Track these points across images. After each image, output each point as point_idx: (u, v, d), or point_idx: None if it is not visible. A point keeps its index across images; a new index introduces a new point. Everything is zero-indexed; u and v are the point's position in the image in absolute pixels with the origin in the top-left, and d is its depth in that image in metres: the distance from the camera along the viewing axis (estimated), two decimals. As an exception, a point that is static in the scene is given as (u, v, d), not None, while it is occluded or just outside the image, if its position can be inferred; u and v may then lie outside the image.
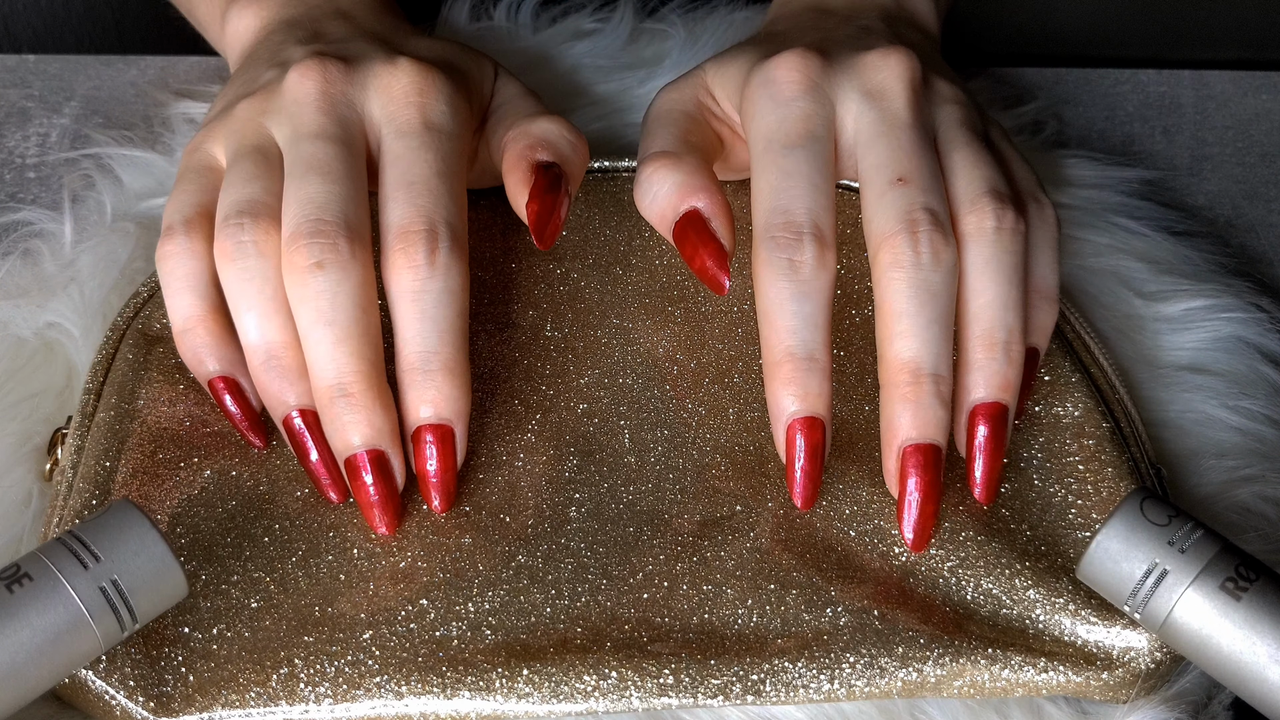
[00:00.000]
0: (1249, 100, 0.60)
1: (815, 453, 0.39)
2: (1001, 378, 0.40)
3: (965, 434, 0.40)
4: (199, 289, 0.41)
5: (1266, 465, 0.45)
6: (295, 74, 0.42)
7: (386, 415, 0.39)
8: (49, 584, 0.34)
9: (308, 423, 0.40)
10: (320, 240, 0.38)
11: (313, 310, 0.38)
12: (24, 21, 0.68)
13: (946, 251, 0.39)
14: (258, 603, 0.38)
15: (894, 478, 0.39)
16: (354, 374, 0.38)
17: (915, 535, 0.39)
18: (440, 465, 0.40)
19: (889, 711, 0.38)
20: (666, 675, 0.37)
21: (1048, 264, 0.43)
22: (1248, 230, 0.55)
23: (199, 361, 0.41)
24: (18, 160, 0.55)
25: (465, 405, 0.40)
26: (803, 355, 0.39)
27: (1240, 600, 0.35)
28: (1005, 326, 0.40)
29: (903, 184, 0.40)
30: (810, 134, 0.41)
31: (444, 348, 0.39)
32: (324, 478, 0.40)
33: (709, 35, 0.58)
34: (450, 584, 0.39)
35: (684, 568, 0.39)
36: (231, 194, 0.40)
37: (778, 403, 0.39)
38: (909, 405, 0.39)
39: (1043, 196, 0.43)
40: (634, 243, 0.47)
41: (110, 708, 0.36)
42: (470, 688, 0.37)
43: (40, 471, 0.43)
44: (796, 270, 0.39)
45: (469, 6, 0.59)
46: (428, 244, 0.39)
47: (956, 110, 0.43)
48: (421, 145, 0.41)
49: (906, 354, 0.39)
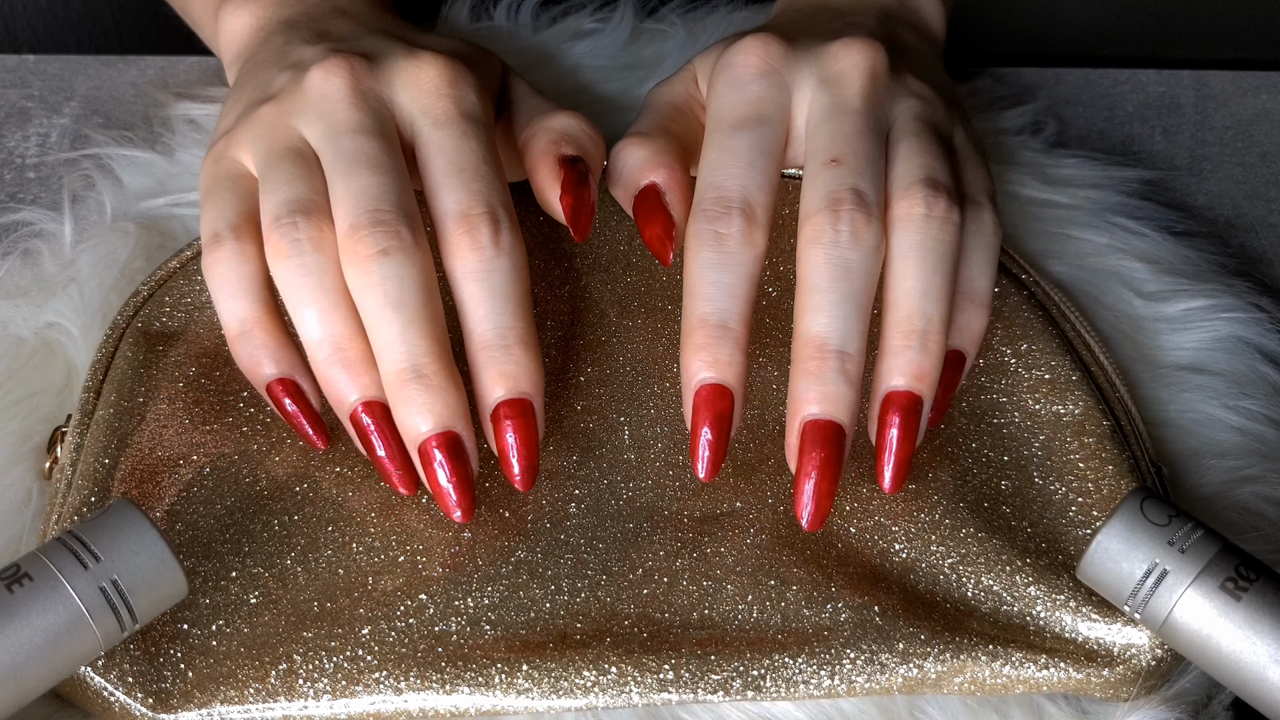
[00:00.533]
0: (1249, 100, 0.60)
1: (720, 421, 0.39)
2: (915, 366, 0.39)
3: (877, 422, 0.40)
4: (253, 292, 0.40)
5: (1266, 465, 0.45)
6: (319, 71, 0.42)
7: (460, 396, 0.39)
8: (49, 584, 0.34)
9: (375, 415, 0.39)
10: (383, 229, 0.38)
11: (380, 295, 0.38)
12: (24, 21, 0.68)
13: (868, 232, 0.39)
14: (257, 599, 0.38)
15: (793, 453, 0.39)
16: (427, 354, 0.38)
17: (811, 514, 0.39)
18: (521, 439, 0.39)
19: (889, 710, 0.38)
20: (666, 671, 0.37)
21: (980, 267, 0.42)
22: (1248, 230, 0.55)
23: (256, 364, 0.40)
24: (18, 160, 0.55)
25: (542, 379, 0.40)
26: (715, 322, 0.39)
27: (1240, 600, 0.35)
28: (924, 315, 0.39)
29: (835, 164, 0.40)
30: (760, 116, 0.41)
31: (518, 322, 0.39)
32: (394, 470, 0.40)
33: (709, 35, 0.58)
34: (449, 579, 0.39)
35: (684, 563, 0.39)
36: (277, 195, 0.40)
37: (688, 368, 0.39)
38: (812, 380, 0.38)
39: (986, 202, 0.43)
40: (634, 241, 0.47)
41: (109, 704, 0.36)
42: (469, 683, 0.37)
43: (40, 470, 0.43)
44: (721, 242, 0.39)
45: (469, 6, 0.59)
46: (491, 225, 0.39)
47: (917, 104, 0.43)
48: (463, 134, 0.41)
49: (815, 329, 0.38)
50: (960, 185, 0.42)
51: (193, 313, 0.45)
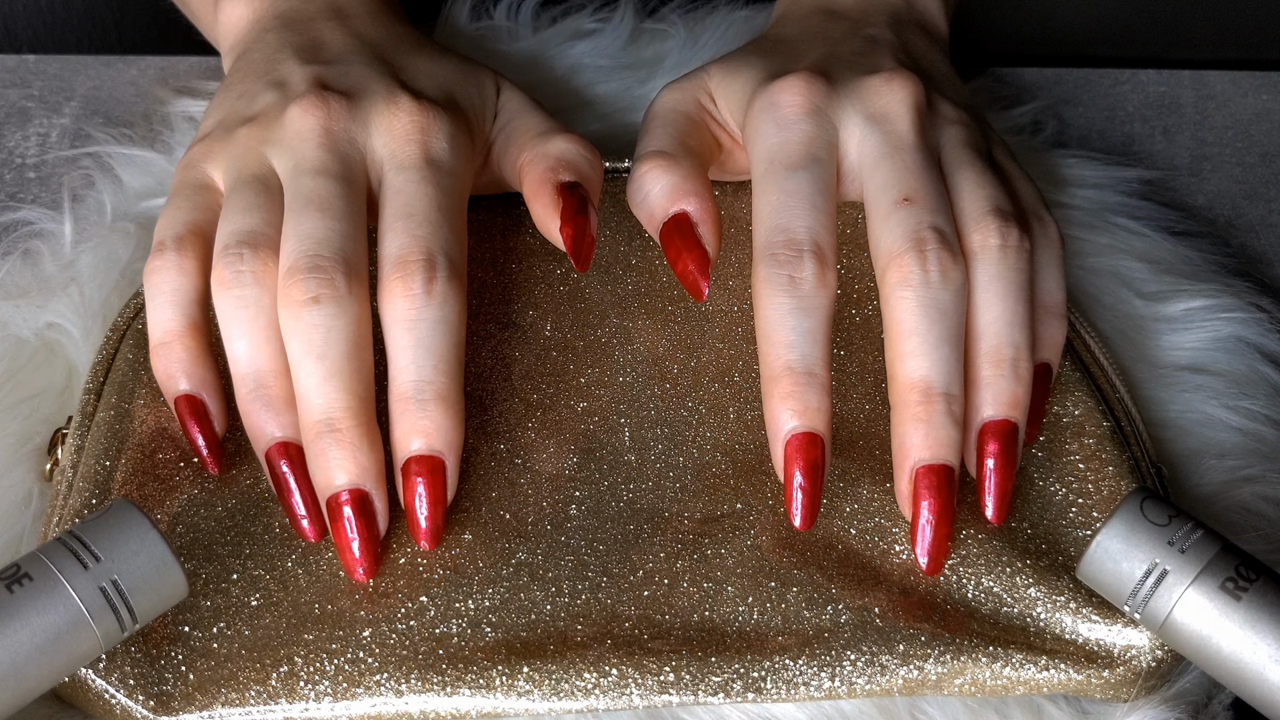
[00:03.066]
0: (1249, 100, 0.60)
1: (814, 470, 0.39)
2: (1009, 394, 0.39)
3: (975, 453, 0.40)
4: (182, 305, 0.40)
5: (1266, 465, 0.45)
6: (298, 109, 0.42)
7: (373, 455, 0.38)
8: (49, 584, 0.34)
9: (290, 456, 0.39)
10: (318, 275, 0.38)
11: (305, 343, 0.38)
12: (24, 21, 0.68)
13: (955, 270, 0.39)
14: (257, 600, 0.38)
15: (907, 500, 0.39)
16: (343, 410, 0.38)
17: (930, 559, 0.39)
18: (429, 499, 0.39)
19: (889, 711, 0.38)
20: (667, 673, 0.37)
21: (1054, 280, 0.43)
22: (1248, 230, 0.55)
23: (169, 377, 0.40)
24: (18, 160, 0.55)
25: (458, 438, 0.39)
26: (802, 370, 0.39)
27: (1240, 600, 0.35)
28: (1012, 344, 0.40)
29: (909, 204, 0.40)
30: (812, 156, 0.41)
31: (439, 377, 0.39)
32: (301, 515, 0.39)
33: (709, 35, 0.58)
34: (450, 581, 0.39)
35: (684, 565, 0.39)
36: (231, 223, 0.40)
37: (776, 418, 0.39)
38: (921, 425, 0.38)
39: (1045, 214, 0.43)
40: (634, 243, 0.47)
41: (110, 706, 0.36)
42: (470, 685, 0.37)
43: (40, 471, 0.43)
44: (797, 286, 0.39)
45: (469, 6, 0.59)
46: (425, 273, 0.39)
47: (960, 131, 0.43)
48: (422, 179, 0.41)
49: (917, 374, 0.38)
50: (1018, 204, 0.42)
51: (193, 314, 0.45)
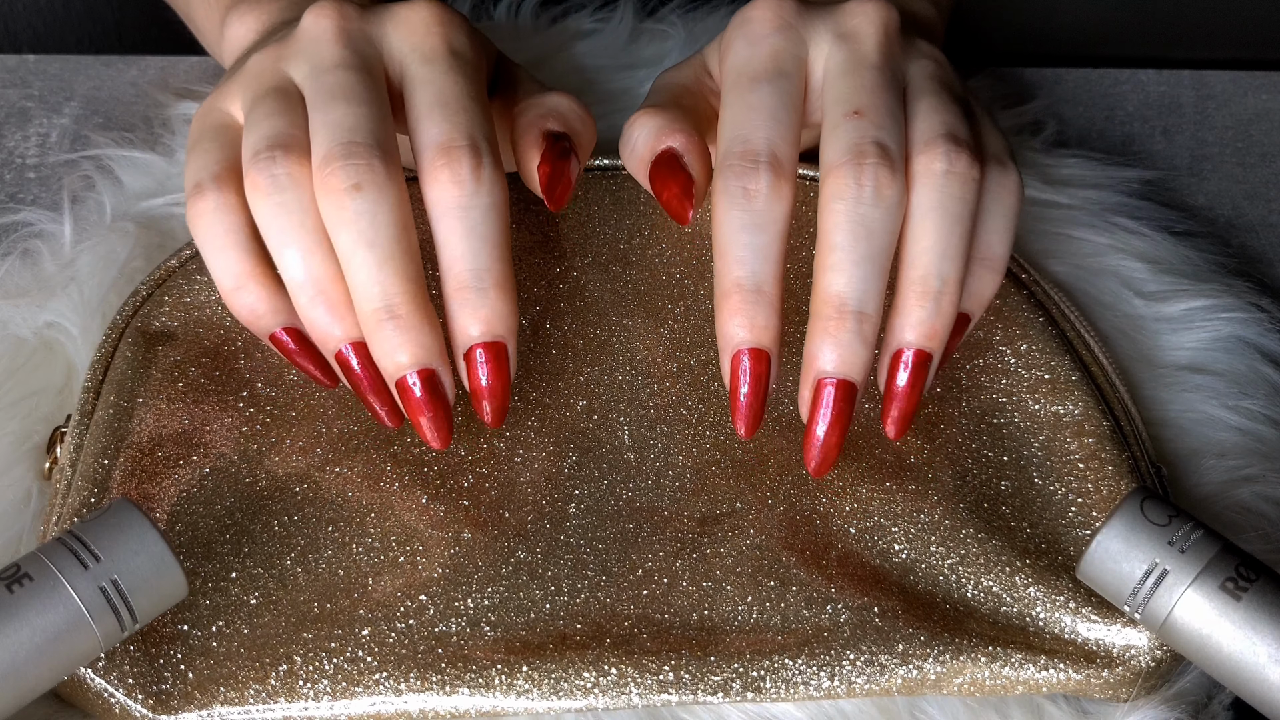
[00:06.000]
0: (1249, 100, 0.60)
1: (759, 383, 0.39)
2: (928, 327, 0.40)
3: (886, 374, 0.41)
4: (243, 244, 0.40)
5: (1266, 465, 0.45)
6: (310, 16, 0.41)
7: (435, 334, 0.39)
8: (49, 584, 0.34)
9: (360, 355, 0.39)
10: (355, 161, 0.38)
11: (353, 233, 0.38)
12: (24, 21, 0.68)
13: (891, 188, 0.39)
14: (257, 599, 0.38)
15: (805, 404, 0.40)
16: (400, 294, 0.38)
17: (817, 464, 0.40)
18: (494, 381, 0.40)
19: (889, 711, 0.38)
20: (666, 672, 0.37)
21: (999, 231, 0.42)
22: (1248, 230, 0.55)
23: (257, 318, 0.40)
24: (18, 160, 0.55)
25: (516, 322, 0.40)
26: (750, 287, 0.39)
27: (1240, 600, 0.34)
28: (940, 276, 0.39)
29: (858, 116, 0.40)
30: (778, 70, 0.41)
31: (495, 264, 0.39)
32: (380, 405, 0.40)
33: (709, 35, 0.58)
34: (449, 580, 0.39)
35: (684, 564, 0.39)
36: (257, 131, 0.39)
37: (725, 332, 0.40)
38: (829, 339, 0.39)
39: (1009, 162, 0.42)
40: (634, 241, 0.47)
41: (109, 705, 0.36)
42: (469, 684, 0.37)
43: (39, 470, 0.43)
44: (751, 199, 0.39)
45: (469, 6, 0.59)
46: (472, 159, 0.39)
47: (931, 65, 0.43)
48: (450, 69, 0.41)
49: (834, 288, 0.39)
50: (981, 143, 0.42)
51: (192, 312, 0.45)
